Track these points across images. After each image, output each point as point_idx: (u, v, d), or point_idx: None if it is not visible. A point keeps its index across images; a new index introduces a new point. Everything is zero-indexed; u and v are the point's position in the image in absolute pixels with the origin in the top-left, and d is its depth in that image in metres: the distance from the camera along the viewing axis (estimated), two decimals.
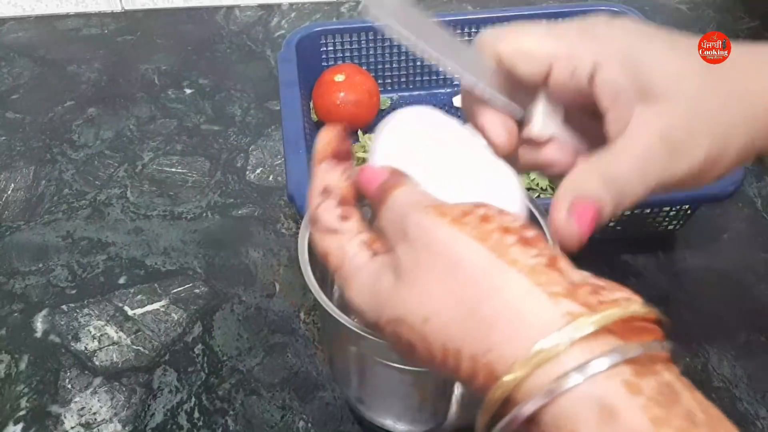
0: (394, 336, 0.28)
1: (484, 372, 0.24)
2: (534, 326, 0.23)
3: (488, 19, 0.77)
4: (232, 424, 0.54)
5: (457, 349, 0.25)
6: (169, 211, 0.70)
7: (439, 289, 0.26)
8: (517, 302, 0.24)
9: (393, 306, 0.27)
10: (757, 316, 0.60)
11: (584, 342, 0.23)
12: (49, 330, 0.60)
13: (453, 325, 0.25)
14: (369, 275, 0.29)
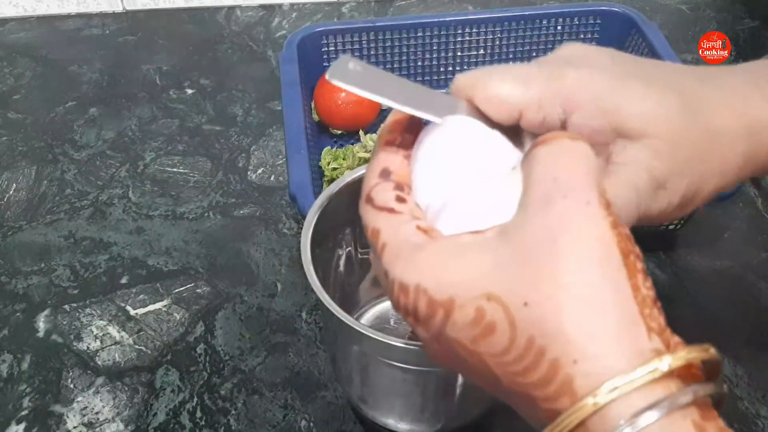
0: (475, 314, 0.25)
1: (561, 382, 0.24)
2: (626, 355, 0.23)
3: (489, 19, 0.77)
4: (235, 423, 0.54)
5: (542, 347, 0.24)
6: (171, 211, 0.70)
7: (559, 282, 0.24)
8: (621, 326, 0.24)
9: (492, 280, 0.25)
10: (758, 316, 0.60)
11: (664, 378, 0.23)
12: (52, 330, 0.60)
13: (552, 321, 0.24)
14: (439, 252, 0.27)
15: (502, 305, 0.25)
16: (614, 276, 0.24)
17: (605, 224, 0.25)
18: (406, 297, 0.27)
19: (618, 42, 0.79)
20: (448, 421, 0.48)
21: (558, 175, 0.26)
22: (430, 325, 0.27)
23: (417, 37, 0.77)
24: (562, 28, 0.79)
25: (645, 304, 0.24)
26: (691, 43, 0.89)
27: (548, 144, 0.27)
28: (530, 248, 0.25)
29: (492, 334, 0.25)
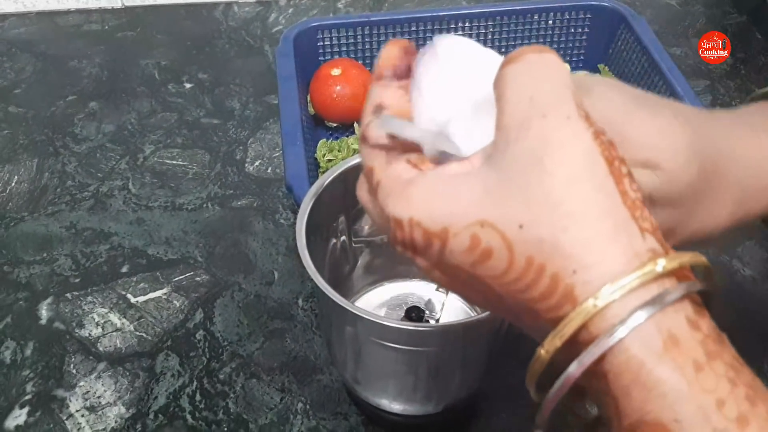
0: (471, 241, 0.26)
1: (562, 293, 0.24)
2: (623, 258, 0.24)
3: (482, 14, 0.79)
4: (233, 406, 0.56)
5: (541, 264, 0.24)
6: (170, 202, 0.71)
7: (551, 200, 0.24)
8: (615, 232, 0.24)
9: (484, 207, 0.25)
10: (742, 303, 0.62)
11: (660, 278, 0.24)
12: (54, 317, 0.62)
13: (548, 238, 0.24)
14: (429, 184, 0.27)
15: (497, 230, 0.25)
16: (602, 185, 0.25)
17: (587, 136, 0.25)
18: (402, 231, 0.28)
19: (608, 36, 0.80)
20: (439, 401, 0.50)
21: (532, 94, 0.26)
22: (428, 255, 0.27)
23: (411, 32, 0.79)
24: (553, 23, 0.80)
25: (635, 207, 0.25)
26: (681, 38, 0.91)
27: (517, 62, 0.26)
28: (517, 171, 0.25)
29: (490, 258, 0.25)
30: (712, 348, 0.24)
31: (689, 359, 0.23)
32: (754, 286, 0.63)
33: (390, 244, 0.29)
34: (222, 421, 0.55)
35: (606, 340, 0.23)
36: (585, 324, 0.24)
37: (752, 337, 0.59)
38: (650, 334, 0.23)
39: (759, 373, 0.56)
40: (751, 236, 0.67)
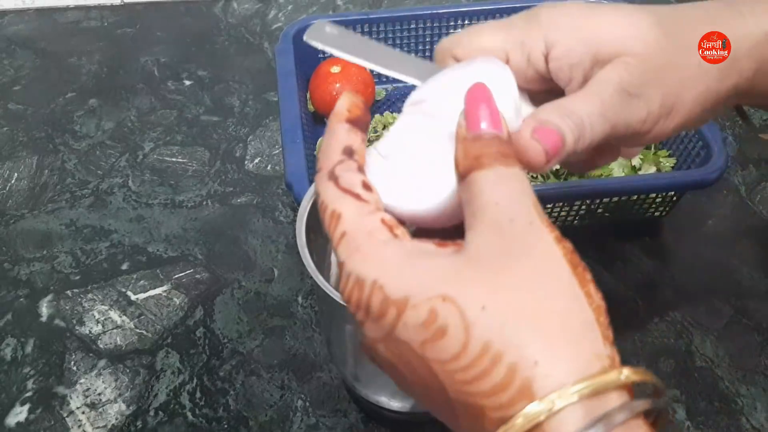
0: (428, 315, 0.25)
1: (519, 387, 0.23)
2: (586, 359, 0.24)
3: (481, 11, 0.78)
4: (233, 403, 0.56)
5: (499, 352, 0.23)
6: (170, 199, 0.72)
7: (517, 289, 0.24)
8: (580, 331, 0.24)
9: (450, 283, 0.25)
10: (740, 299, 0.62)
11: (620, 388, 0.24)
12: (54, 314, 0.62)
13: (510, 325, 0.24)
14: (402, 251, 0.27)
15: (458, 308, 0.24)
16: (568, 285, 0.25)
17: (550, 239, 0.26)
18: (361, 291, 0.27)
19: None
20: None
21: (499, 201, 0.26)
22: (380, 324, 0.26)
23: (410, 29, 0.79)
24: None
25: (600, 312, 0.25)
26: None
27: (486, 169, 0.27)
28: (487, 262, 0.25)
29: (443, 337, 0.24)
30: None
31: None
32: (752, 282, 0.63)
33: (343, 300, 0.28)
34: (222, 418, 0.55)
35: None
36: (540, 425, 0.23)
37: (750, 335, 0.60)
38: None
39: (757, 371, 0.56)
40: (748, 234, 0.67)
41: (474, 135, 0.28)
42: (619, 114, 0.32)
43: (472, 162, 0.27)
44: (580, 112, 0.31)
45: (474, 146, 0.28)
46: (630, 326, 0.60)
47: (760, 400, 0.56)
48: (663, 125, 0.34)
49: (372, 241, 0.27)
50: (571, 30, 0.33)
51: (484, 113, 0.28)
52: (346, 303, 0.28)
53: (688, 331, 0.60)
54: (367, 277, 0.26)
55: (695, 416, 0.55)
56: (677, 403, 0.55)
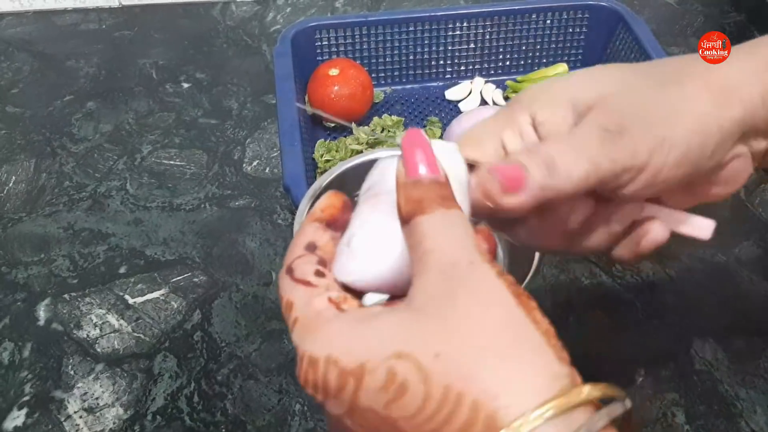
0: (387, 376, 0.25)
1: (485, 422, 0.23)
2: (544, 382, 0.24)
3: (479, 14, 0.78)
4: (231, 407, 0.56)
5: (460, 393, 0.24)
6: (168, 202, 0.71)
7: (466, 329, 0.25)
8: (533, 357, 0.25)
9: (401, 339, 0.26)
10: (739, 302, 0.62)
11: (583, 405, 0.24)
12: (52, 318, 0.62)
13: (466, 365, 0.24)
14: (349, 322, 0.27)
15: (413, 361, 0.25)
16: (514, 315, 0.25)
17: (492, 275, 0.26)
18: (316, 371, 0.27)
19: (605, 36, 0.80)
20: None
21: (441, 245, 0.27)
22: (341, 399, 0.26)
23: (409, 32, 0.79)
24: (551, 23, 0.80)
25: (550, 335, 0.25)
26: (678, 37, 0.91)
27: (427, 214, 0.28)
28: (433, 308, 0.26)
29: (405, 394, 0.25)
30: None
31: None
32: (752, 286, 0.63)
33: (301, 386, 0.28)
34: (220, 422, 0.55)
35: None
36: None
37: (750, 338, 0.59)
38: None
39: (756, 374, 0.56)
40: (748, 237, 0.67)
41: (413, 180, 0.29)
42: (601, 152, 0.32)
43: (413, 206, 0.28)
44: (551, 150, 0.32)
45: (414, 191, 0.28)
46: (629, 330, 0.60)
47: (759, 404, 0.55)
48: (660, 158, 0.32)
49: (320, 321, 0.28)
50: (550, 96, 0.34)
51: (421, 157, 0.29)
52: (304, 388, 0.28)
53: (687, 334, 0.60)
54: (319, 356, 0.27)
55: (694, 420, 0.54)
56: (676, 407, 0.55)
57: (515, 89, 0.80)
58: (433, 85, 0.83)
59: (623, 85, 0.34)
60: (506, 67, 0.83)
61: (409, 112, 0.80)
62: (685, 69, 0.35)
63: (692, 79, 0.34)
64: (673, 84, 0.34)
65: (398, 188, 0.29)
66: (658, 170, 0.33)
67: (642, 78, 0.34)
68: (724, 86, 0.34)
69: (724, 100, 0.33)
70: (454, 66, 0.82)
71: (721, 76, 0.34)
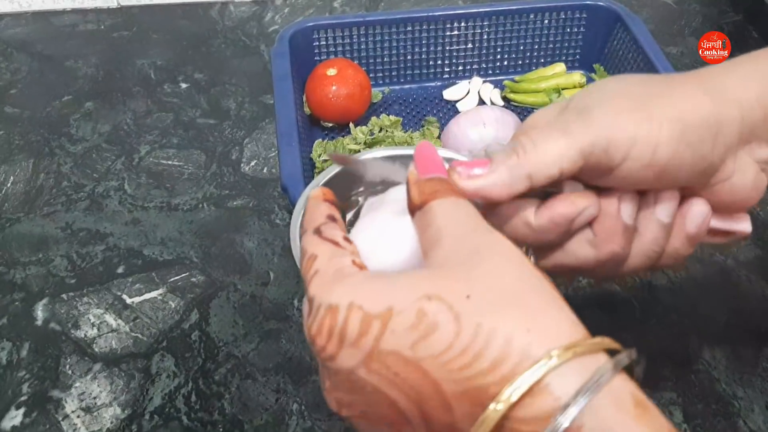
0: (416, 316, 0.26)
1: (518, 354, 0.24)
2: (569, 326, 0.26)
3: (477, 14, 0.78)
4: (229, 407, 0.56)
5: (491, 329, 0.25)
6: (166, 202, 0.71)
7: (494, 273, 0.27)
8: (555, 305, 0.26)
9: (431, 283, 0.26)
10: (737, 302, 0.62)
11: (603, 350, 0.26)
12: (50, 318, 0.62)
13: (496, 305, 0.25)
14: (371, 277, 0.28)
15: (445, 302, 0.26)
16: (532, 272, 0.27)
17: (508, 242, 0.28)
18: (334, 318, 0.27)
19: (604, 36, 0.80)
20: None
21: (459, 218, 0.30)
22: (359, 345, 0.26)
23: (407, 32, 0.79)
24: (549, 23, 0.80)
25: (558, 292, 0.27)
26: (677, 37, 0.91)
27: (442, 198, 0.30)
28: (458, 262, 0.27)
29: (434, 332, 0.25)
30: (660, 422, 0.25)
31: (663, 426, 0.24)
32: (749, 285, 0.63)
33: (309, 342, 0.28)
34: (217, 421, 0.55)
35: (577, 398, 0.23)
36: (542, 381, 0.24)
37: (749, 337, 0.59)
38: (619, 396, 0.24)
39: (754, 373, 0.56)
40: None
41: (427, 177, 0.32)
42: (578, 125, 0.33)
43: (427, 196, 0.31)
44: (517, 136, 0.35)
45: (428, 185, 0.31)
46: (627, 329, 0.60)
47: (757, 403, 0.55)
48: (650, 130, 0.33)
49: (343, 274, 0.29)
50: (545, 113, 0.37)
51: (433, 163, 0.32)
52: (313, 340, 0.28)
53: (685, 333, 0.60)
54: (341, 303, 0.27)
55: (692, 419, 0.54)
56: (674, 406, 0.55)
57: (513, 89, 0.80)
58: (431, 85, 0.83)
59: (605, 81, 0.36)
60: (504, 67, 0.83)
61: (407, 112, 0.80)
62: (683, 77, 0.36)
63: (689, 82, 0.35)
64: (669, 86, 0.35)
65: (410, 186, 0.32)
66: (654, 145, 0.33)
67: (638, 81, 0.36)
68: (720, 90, 0.34)
69: (721, 100, 0.34)
70: (452, 66, 0.82)
71: (716, 79, 0.35)
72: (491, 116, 0.71)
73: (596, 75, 0.82)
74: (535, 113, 0.37)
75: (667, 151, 0.33)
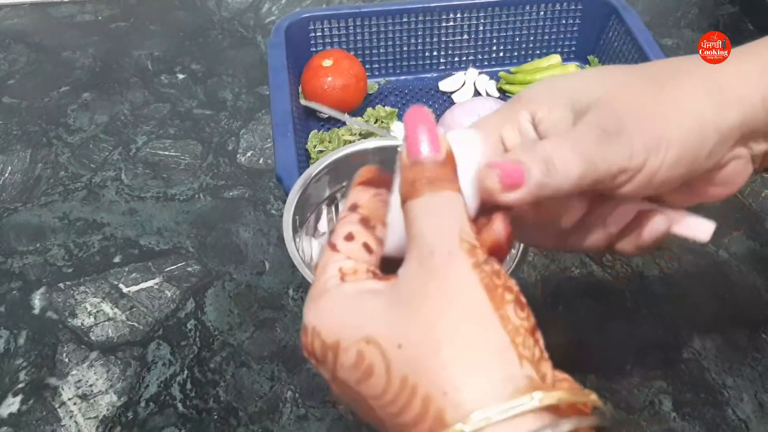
0: (357, 357, 0.26)
1: (434, 417, 0.24)
2: (496, 384, 0.24)
3: (473, 5, 0.79)
4: (223, 394, 0.56)
5: (414, 385, 0.25)
6: (163, 192, 0.72)
7: (428, 323, 0.26)
8: (490, 356, 0.25)
9: (373, 325, 0.27)
10: (728, 292, 0.63)
11: (537, 411, 0.24)
12: (47, 307, 0.62)
13: (422, 359, 0.25)
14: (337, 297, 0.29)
15: (380, 349, 0.26)
16: (479, 310, 0.26)
17: (466, 266, 0.26)
18: (306, 337, 0.29)
19: (599, 28, 0.81)
20: None
21: (423, 232, 0.27)
22: (325, 367, 0.28)
23: (403, 23, 0.79)
24: (544, 14, 0.81)
25: (517, 333, 0.25)
26: (673, 28, 0.91)
27: (417, 198, 0.28)
28: (407, 296, 0.27)
29: (371, 376, 0.26)
30: None
31: None
32: (740, 276, 0.64)
33: None
34: (212, 409, 0.55)
35: None
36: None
37: (738, 327, 0.60)
38: None
39: (744, 363, 0.57)
40: (738, 227, 0.68)
41: (413, 161, 0.29)
42: (598, 152, 0.31)
43: (408, 189, 0.29)
44: (549, 149, 0.31)
45: (409, 173, 0.29)
46: (618, 318, 0.61)
47: (746, 392, 0.56)
48: (657, 159, 0.32)
49: (321, 291, 0.29)
50: (551, 95, 0.35)
51: (423, 136, 0.29)
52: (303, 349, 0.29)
53: (675, 323, 0.60)
54: (308, 325, 0.29)
55: (681, 407, 0.55)
56: (664, 395, 0.56)
57: (509, 80, 0.81)
58: (426, 77, 0.83)
59: (622, 86, 0.34)
60: (500, 58, 0.83)
61: (402, 104, 0.80)
62: (684, 70, 0.35)
63: (691, 80, 0.34)
64: (672, 85, 0.34)
65: (400, 170, 0.30)
66: (655, 171, 0.33)
67: (641, 79, 0.34)
68: (722, 88, 0.34)
69: (722, 102, 0.33)
70: (448, 57, 0.83)
71: (720, 77, 0.34)
72: (486, 107, 0.71)
73: (591, 67, 0.82)
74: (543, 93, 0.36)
75: (665, 175, 0.33)
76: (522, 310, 0.26)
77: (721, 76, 0.34)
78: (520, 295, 0.27)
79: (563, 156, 0.31)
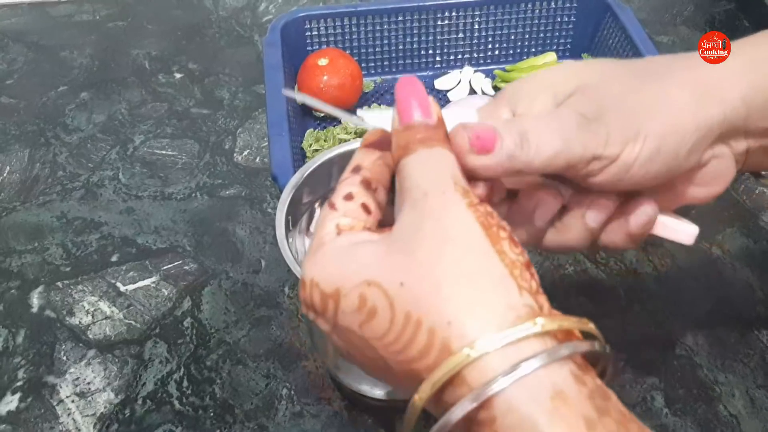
0: (359, 300, 0.27)
1: (439, 347, 0.25)
2: (498, 312, 0.25)
3: (468, 3, 0.79)
4: (220, 392, 0.57)
5: (419, 320, 0.25)
6: (160, 191, 0.72)
7: (428, 260, 0.26)
8: (491, 287, 0.26)
9: (372, 269, 0.27)
10: (721, 289, 0.63)
11: (539, 336, 0.25)
12: (45, 305, 0.63)
13: (425, 294, 0.26)
14: (333, 250, 0.29)
15: (381, 289, 0.27)
16: (477, 245, 0.27)
17: (462, 205, 0.28)
18: (304, 291, 0.29)
19: (593, 25, 0.81)
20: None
21: (417, 180, 0.29)
22: (326, 317, 0.29)
23: (398, 22, 0.80)
24: (539, 12, 0.81)
25: (514, 266, 0.26)
26: (668, 26, 0.91)
27: (410, 155, 0.29)
28: (404, 239, 0.28)
29: (374, 317, 0.27)
30: (600, 404, 0.24)
31: (580, 417, 0.24)
32: (734, 273, 0.64)
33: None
34: (208, 406, 0.56)
35: (485, 389, 0.24)
36: (460, 373, 0.24)
37: (731, 323, 0.60)
38: (536, 388, 0.24)
39: (736, 359, 0.57)
40: (731, 224, 0.68)
41: (405, 125, 0.30)
42: (575, 135, 0.32)
43: (401, 151, 0.30)
44: (526, 124, 0.32)
45: (402, 136, 0.30)
46: (611, 315, 0.61)
47: (738, 388, 0.56)
48: (632, 150, 0.33)
49: (318, 245, 0.30)
50: (532, 87, 0.35)
51: (415, 104, 0.30)
52: (302, 305, 0.30)
53: (668, 320, 0.61)
54: (306, 278, 0.29)
55: (673, 403, 0.56)
56: (656, 391, 0.56)
57: (504, 78, 0.81)
58: (422, 75, 0.84)
59: (604, 77, 0.34)
60: (495, 56, 0.84)
61: None
62: (668, 66, 0.35)
63: (673, 76, 0.34)
64: (654, 80, 0.34)
65: (392, 137, 0.31)
66: (630, 163, 0.33)
67: (624, 72, 0.35)
68: (704, 84, 0.34)
69: (703, 99, 0.34)
70: (444, 56, 0.83)
71: (703, 74, 0.34)
72: (482, 105, 0.71)
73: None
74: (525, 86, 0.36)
75: (640, 170, 0.33)
76: (516, 247, 0.27)
77: (704, 74, 0.35)
78: (513, 234, 0.28)
79: (539, 132, 0.32)
